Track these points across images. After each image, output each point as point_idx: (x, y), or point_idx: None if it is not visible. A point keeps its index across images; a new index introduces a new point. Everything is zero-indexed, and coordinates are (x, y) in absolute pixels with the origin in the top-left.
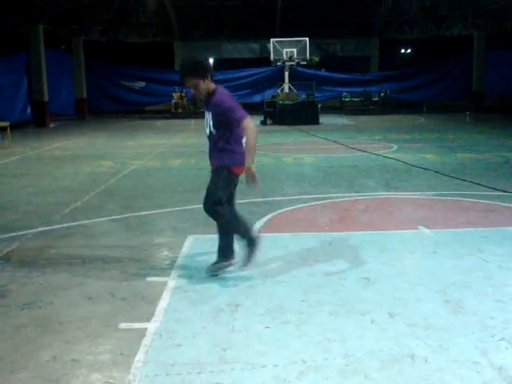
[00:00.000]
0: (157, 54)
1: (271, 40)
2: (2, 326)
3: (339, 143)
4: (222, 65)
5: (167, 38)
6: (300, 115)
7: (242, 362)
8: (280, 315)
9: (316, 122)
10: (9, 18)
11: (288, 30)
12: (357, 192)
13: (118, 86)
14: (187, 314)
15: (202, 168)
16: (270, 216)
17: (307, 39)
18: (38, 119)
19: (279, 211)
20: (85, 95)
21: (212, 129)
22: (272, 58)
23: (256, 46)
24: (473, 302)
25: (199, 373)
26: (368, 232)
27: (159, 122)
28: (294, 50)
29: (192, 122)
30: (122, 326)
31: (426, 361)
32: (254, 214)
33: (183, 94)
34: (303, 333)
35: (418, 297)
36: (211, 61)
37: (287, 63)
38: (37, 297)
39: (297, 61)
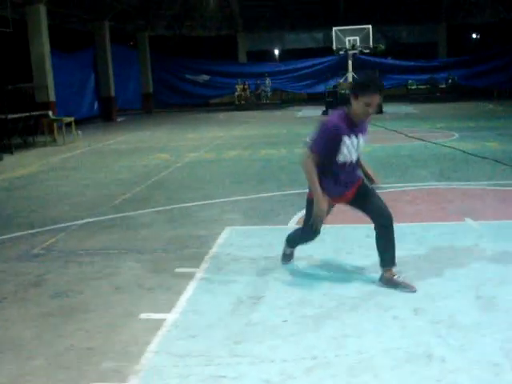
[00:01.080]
0: (220, 47)
1: (333, 29)
2: (30, 314)
3: (398, 132)
4: (285, 55)
5: (230, 31)
6: None
7: (251, 356)
8: (299, 309)
9: (379, 111)
10: (76, 15)
11: (351, 17)
12: (407, 182)
13: (183, 80)
14: (207, 305)
15: (254, 159)
16: None
17: (370, 27)
18: (104, 114)
19: None
20: (151, 90)
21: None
22: (335, 47)
23: (319, 35)
24: (506, 299)
25: (206, 365)
26: (410, 224)
27: (222, 115)
28: (357, 38)
29: (255, 114)
30: (143, 316)
31: (442, 361)
32: (293, 206)
33: (246, 87)
34: (319, 327)
35: (449, 292)
36: (275, 52)
37: (350, 52)
38: (68, 286)
39: (360, 49)
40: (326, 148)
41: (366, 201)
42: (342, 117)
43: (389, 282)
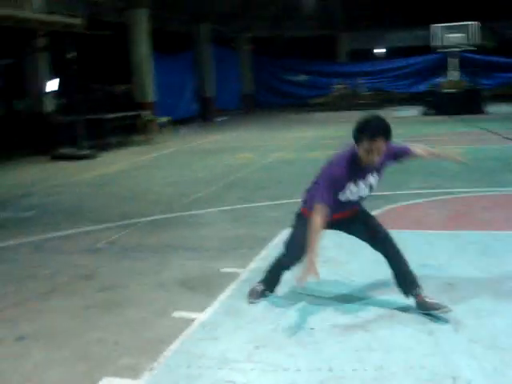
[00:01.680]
0: (320, 47)
1: (434, 26)
2: (74, 306)
3: (495, 133)
4: (385, 54)
5: (330, 31)
6: (462, 104)
7: (266, 363)
8: (331, 317)
9: (479, 111)
10: (177, 18)
11: (456, 14)
12: (489, 187)
13: (282, 80)
14: (240, 307)
15: None
16: (380, 211)
17: (476, 23)
18: (203, 114)
19: (392, 206)
20: (251, 90)
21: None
22: (434, 44)
23: (421, 33)
24: None
25: (219, 368)
26: (478, 232)
27: (319, 115)
28: (461, 36)
29: (351, 114)
30: (175, 314)
31: None
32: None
33: (345, 86)
34: (346, 338)
35: (498, 309)
36: (375, 51)
37: (452, 49)
38: (117, 281)
39: (464, 47)
40: (331, 194)
41: (359, 222)
42: (349, 161)
43: (424, 306)
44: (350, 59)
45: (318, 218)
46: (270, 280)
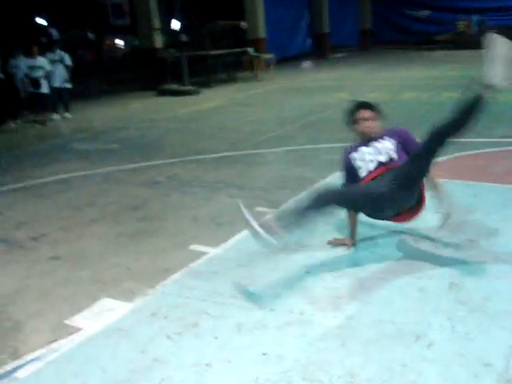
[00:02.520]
0: None
1: None
2: (112, 232)
3: None
4: None
5: None
6: None
7: (249, 301)
8: (327, 265)
9: None
10: None
11: None
12: None
13: (402, 16)
14: (254, 246)
15: (428, 103)
16: (445, 158)
17: None
18: (317, 51)
19: (458, 154)
20: (369, 26)
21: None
22: None
23: None
24: None
25: (203, 300)
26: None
27: (439, 53)
28: None
29: (473, 53)
30: (192, 247)
31: (428, 346)
32: None
33: (469, 23)
34: (332, 285)
35: (507, 274)
36: None
37: None
38: (158, 212)
39: None
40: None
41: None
42: (350, 146)
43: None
44: None
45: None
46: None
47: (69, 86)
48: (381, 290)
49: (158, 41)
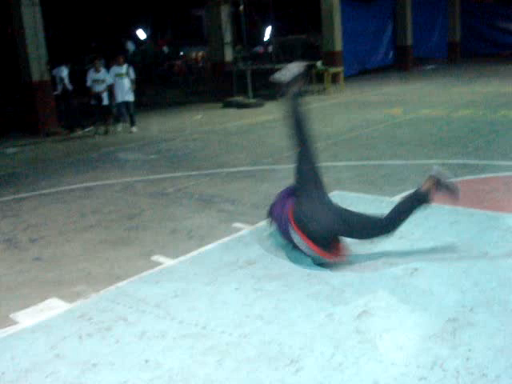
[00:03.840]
0: None
1: None
2: (95, 239)
3: None
4: None
5: None
6: None
7: (177, 310)
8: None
9: None
10: None
11: None
12: None
13: (493, 28)
14: (206, 261)
15: (479, 121)
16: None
17: None
18: (399, 63)
19: (469, 177)
20: (457, 38)
21: None
22: None
23: None
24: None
25: (135, 309)
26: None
27: None
28: None
29: None
30: (154, 257)
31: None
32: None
33: None
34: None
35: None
36: None
37: None
38: (147, 223)
39: None
40: None
41: None
42: None
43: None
44: None
45: None
46: None
47: (132, 99)
48: (290, 313)
49: (228, 54)
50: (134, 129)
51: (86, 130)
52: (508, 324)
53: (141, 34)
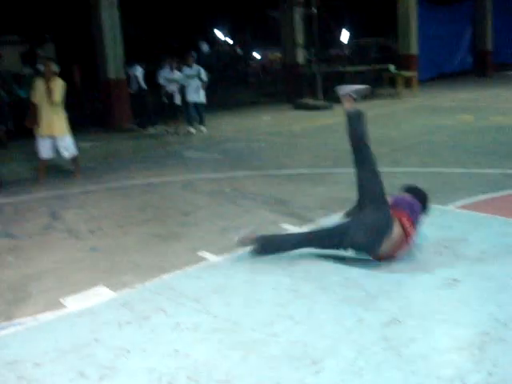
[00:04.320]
0: None
1: None
2: (150, 233)
3: None
4: None
5: None
6: None
7: (214, 307)
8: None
9: None
10: None
11: None
12: None
13: None
14: (252, 263)
15: None
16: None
17: None
18: (478, 68)
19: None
20: None
21: None
22: None
23: None
24: None
25: (174, 300)
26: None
27: None
28: None
29: None
30: (200, 253)
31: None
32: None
33: None
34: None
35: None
36: None
37: None
38: (199, 219)
39: None
40: None
41: None
42: None
43: None
44: None
45: None
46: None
47: (203, 100)
48: (321, 315)
49: (300, 56)
50: (203, 128)
51: (157, 127)
52: None
53: (218, 35)
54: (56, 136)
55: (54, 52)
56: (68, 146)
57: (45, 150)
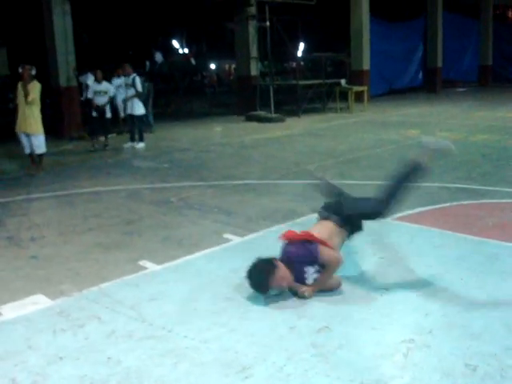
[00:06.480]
0: None
1: None
2: (91, 242)
3: None
4: None
5: None
6: None
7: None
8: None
9: None
10: None
11: None
12: None
13: None
14: (181, 268)
15: (492, 146)
16: (448, 205)
17: None
18: (428, 85)
19: (466, 202)
20: (489, 62)
21: None
22: None
23: None
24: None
25: (111, 309)
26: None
27: None
28: None
29: None
30: (141, 262)
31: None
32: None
33: None
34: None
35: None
36: None
37: None
38: (142, 229)
39: None
40: None
41: None
42: None
43: None
44: None
45: None
46: None
47: (139, 113)
48: (255, 322)
49: (254, 68)
50: (141, 144)
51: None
52: (461, 348)
53: (175, 45)
54: (30, 134)
55: (6, 56)
56: (40, 143)
57: (24, 145)
